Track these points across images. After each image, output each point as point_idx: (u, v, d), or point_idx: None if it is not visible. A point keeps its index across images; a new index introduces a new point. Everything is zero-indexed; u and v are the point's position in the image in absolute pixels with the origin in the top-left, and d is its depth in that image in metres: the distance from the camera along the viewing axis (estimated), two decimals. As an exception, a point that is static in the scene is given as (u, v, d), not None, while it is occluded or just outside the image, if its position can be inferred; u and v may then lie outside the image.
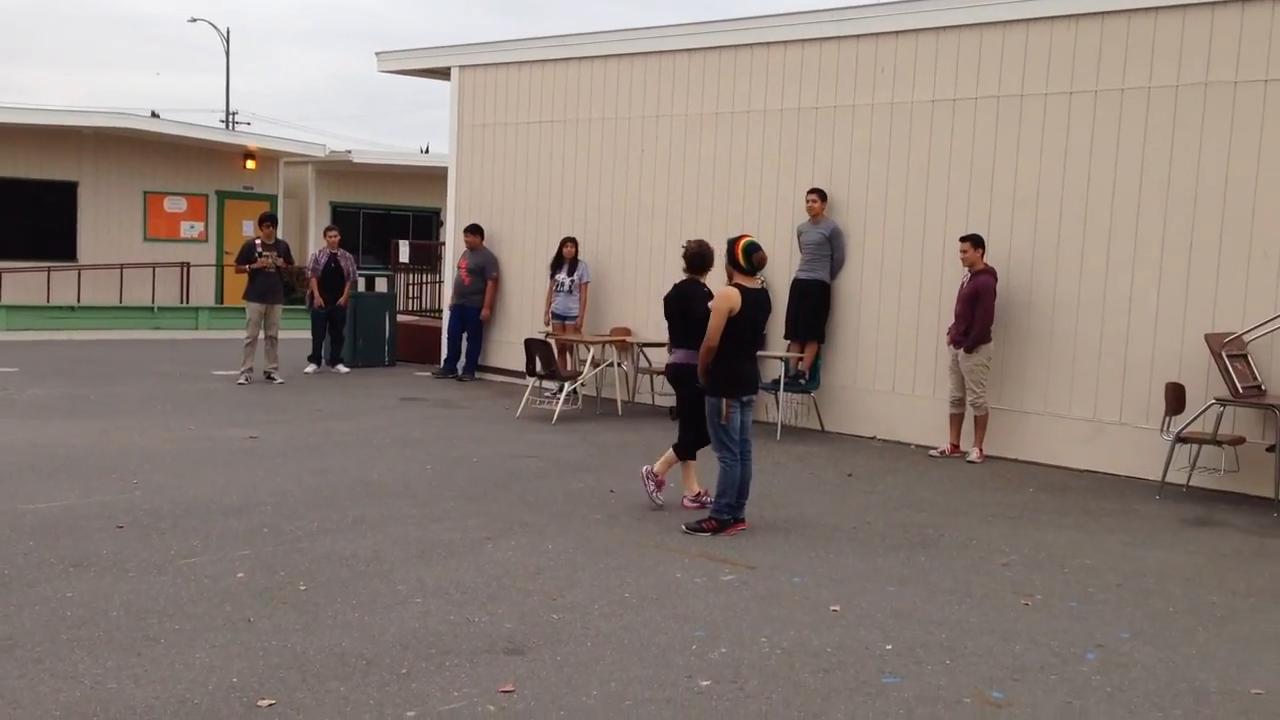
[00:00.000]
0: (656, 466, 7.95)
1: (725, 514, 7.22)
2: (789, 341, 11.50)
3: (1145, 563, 6.89)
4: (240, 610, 5.45)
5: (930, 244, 10.75)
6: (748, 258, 7.20)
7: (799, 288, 11.39)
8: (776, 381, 11.23)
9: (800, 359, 11.39)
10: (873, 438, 11.13)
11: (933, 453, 10.34)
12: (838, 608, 5.78)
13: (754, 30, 12.08)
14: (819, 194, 11.26)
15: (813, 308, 11.32)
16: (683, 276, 7.88)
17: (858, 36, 11.26)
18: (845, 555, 6.83)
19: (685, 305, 7.73)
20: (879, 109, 11.12)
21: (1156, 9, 9.41)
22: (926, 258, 10.75)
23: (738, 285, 7.20)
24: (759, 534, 7.26)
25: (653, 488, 7.88)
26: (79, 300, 21.73)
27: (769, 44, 11.91)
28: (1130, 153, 9.55)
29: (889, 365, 11.11)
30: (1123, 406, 9.64)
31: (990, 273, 9.98)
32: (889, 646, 5.25)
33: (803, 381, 11.40)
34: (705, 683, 4.76)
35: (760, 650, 5.15)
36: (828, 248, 11.24)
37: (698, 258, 7.76)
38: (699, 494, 7.81)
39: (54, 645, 4.91)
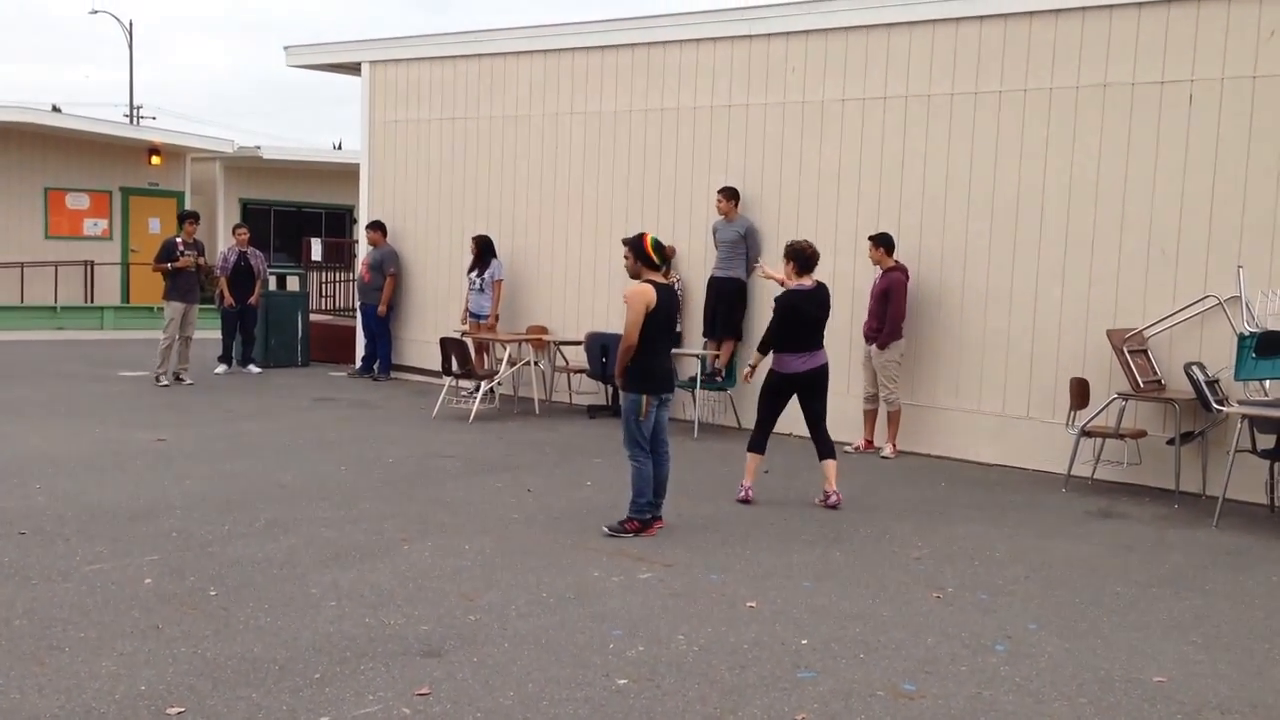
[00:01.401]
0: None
1: (646, 513, 7.24)
2: (706, 339, 11.58)
3: (1052, 555, 7.06)
4: (149, 617, 5.33)
5: (842, 241, 10.90)
6: (658, 252, 7.21)
7: (715, 285, 11.47)
8: (694, 379, 11.30)
9: (717, 357, 11.47)
10: (789, 434, 11.23)
11: (847, 449, 10.48)
12: (754, 604, 5.84)
13: (666, 28, 12.13)
14: (727, 193, 11.34)
15: (728, 305, 11.41)
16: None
17: (768, 35, 11.37)
18: (762, 551, 6.90)
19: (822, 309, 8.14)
20: (790, 107, 11.24)
21: (1057, 11, 9.66)
22: (839, 255, 10.88)
23: (649, 281, 7.22)
24: (676, 532, 7.30)
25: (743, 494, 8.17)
26: (-24, 300, 21.04)
27: (681, 41, 11.98)
28: (1034, 151, 9.79)
29: (804, 362, 11.22)
30: (1030, 401, 9.87)
31: (901, 270, 10.15)
32: (804, 641, 5.31)
33: (720, 380, 11.48)
34: (622, 681, 4.77)
35: (677, 648, 5.18)
36: (742, 245, 11.33)
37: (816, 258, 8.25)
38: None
39: (-49, 657, 4.76)
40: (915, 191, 10.46)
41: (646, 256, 7.21)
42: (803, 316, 8.07)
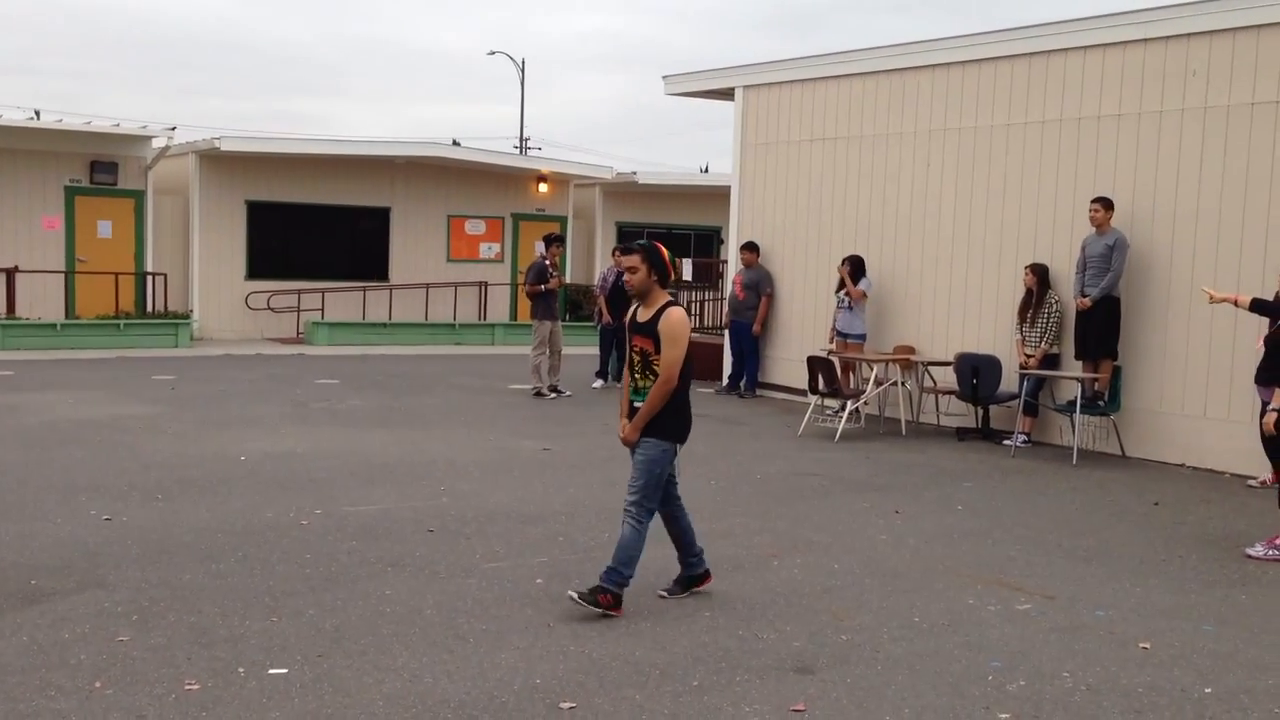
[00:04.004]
0: None
1: (626, 584, 5.82)
2: (1080, 361, 10.94)
3: None
4: (540, 615, 5.71)
5: (1249, 259, 9.96)
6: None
7: None
8: (1072, 403, 10.70)
9: (1097, 379, 10.80)
10: (1181, 465, 10.41)
11: (1251, 482, 9.56)
12: (1147, 645, 5.45)
13: (1042, 37, 11.60)
14: (1103, 202, 10.65)
15: (1100, 323, 10.71)
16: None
17: (1166, 38, 10.61)
18: (1153, 589, 6.43)
19: None
20: (1190, 114, 10.42)
21: None
22: (1244, 273, 9.97)
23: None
24: (1056, 563, 6.94)
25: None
26: (390, 317, 23.38)
27: (1066, 50, 11.39)
28: None
29: (1200, 386, 10.37)
30: None
31: None
32: (1208, 690, 4.89)
33: (1101, 403, 10.81)
34: (1004, 716, 4.59)
35: (1063, 685, 4.92)
36: (1111, 259, 10.62)
37: None
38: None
39: (376, 639, 5.31)
40: (1337, 199, 9.40)
41: (664, 268, 5.95)
42: None
